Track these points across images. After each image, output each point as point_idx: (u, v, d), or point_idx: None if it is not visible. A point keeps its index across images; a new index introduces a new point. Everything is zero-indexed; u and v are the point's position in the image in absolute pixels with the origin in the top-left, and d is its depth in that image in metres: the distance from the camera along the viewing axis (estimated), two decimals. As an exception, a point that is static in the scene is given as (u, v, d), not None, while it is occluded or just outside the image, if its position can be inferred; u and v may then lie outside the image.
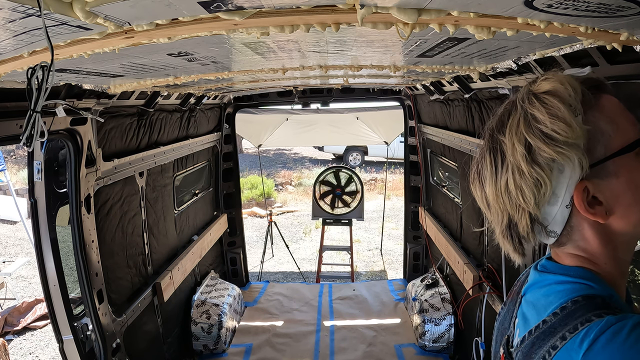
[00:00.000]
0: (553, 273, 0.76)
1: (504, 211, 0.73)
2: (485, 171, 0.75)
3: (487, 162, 0.74)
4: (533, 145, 0.67)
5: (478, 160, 0.78)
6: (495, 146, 0.73)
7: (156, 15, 0.90)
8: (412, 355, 4.00)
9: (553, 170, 0.67)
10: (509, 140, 0.70)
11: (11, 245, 8.20)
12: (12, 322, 5.23)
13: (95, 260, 2.50)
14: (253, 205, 10.93)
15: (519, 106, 0.71)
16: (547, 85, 0.69)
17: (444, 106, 3.84)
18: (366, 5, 0.84)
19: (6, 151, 13.82)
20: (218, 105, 4.82)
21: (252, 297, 5.15)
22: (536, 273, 0.81)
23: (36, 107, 0.98)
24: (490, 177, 0.73)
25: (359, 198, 6.12)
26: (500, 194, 0.72)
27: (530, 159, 0.67)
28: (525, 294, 0.82)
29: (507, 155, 0.70)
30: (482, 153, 0.76)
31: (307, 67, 2.31)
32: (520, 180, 0.69)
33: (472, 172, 0.79)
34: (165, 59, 1.59)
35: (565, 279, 0.72)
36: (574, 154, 0.66)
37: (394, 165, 13.23)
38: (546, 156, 0.66)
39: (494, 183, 0.73)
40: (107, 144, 2.68)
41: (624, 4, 0.77)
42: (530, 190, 0.68)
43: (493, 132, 0.75)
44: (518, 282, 0.94)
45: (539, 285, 0.78)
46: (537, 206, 0.70)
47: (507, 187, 0.70)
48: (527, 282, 0.84)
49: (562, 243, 0.74)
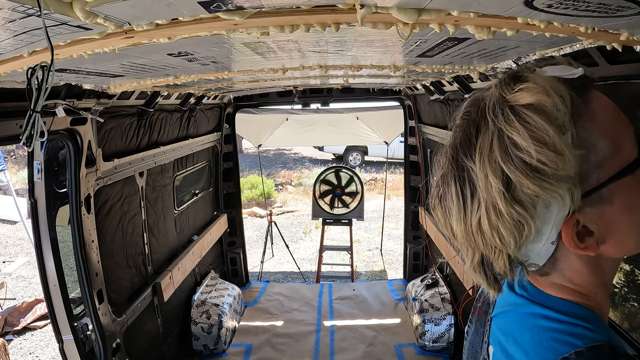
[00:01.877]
0: (537, 303, 0.64)
1: (475, 250, 0.60)
2: (449, 202, 0.60)
3: (451, 193, 0.59)
4: (513, 179, 0.53)
5: (439, 183, 0.62)
6: (463, 174, 0.58)
7: (156, 15, 0.90)
8: (412, 355, 4.00)
9: (537, 207, 0.54)
10: (481, 169, 0.55)
11: (11, 245, 8.20)
12: (12, 322, 5.23)
13: (95, 260, 2.50)
14: (253, 205, 10.93)
15: (490, 121, 0.55)
16: (529, 97, 0.54)
17: (444, 106, 3.84)
18: (366, 5, 0.84)
19: (6, 151, 13.82)
20: (218, 105, 4.82)
21: (252, 297, 5.15)
22: (511, 294, 0.70)
23: (36, 107, 0.98)
24: (457, 213, 0.59)
25: (359, 198, 6.12)
26: (471, 234, 0.58)
27: (510, 196, 0.54)
28: (497, 317, 0.72)
29: (479, 190, 0.56)
30: (445, 179, 0.61)
31: (307, 67, 2.31)
32: (496, 221, 0.55)
33: (432, 196, 0.64)
34: (165, 59, 1.59)
35: (556, 316, 0.61)
36: (564, 188, 0.53)
37: (394, 165, 13.23)
38: (530, 193, 0.53)
39: (462, 220, 0.58)
40: (107, 144, 2.68)
41: (624, 4, 0.77)
42: (510, 233, 0.55)
43: (457, 153, 0.59)
44: (482, 298, 0.82)
45: (517, 312, 0.66)
46: (518, 248, 0.57)
47: (479, 226, 0.57)
48: (498, 302, 0.73)
49: (545, 273, 0.63)
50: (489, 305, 0.76)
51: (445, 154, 0.62)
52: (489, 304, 0.77)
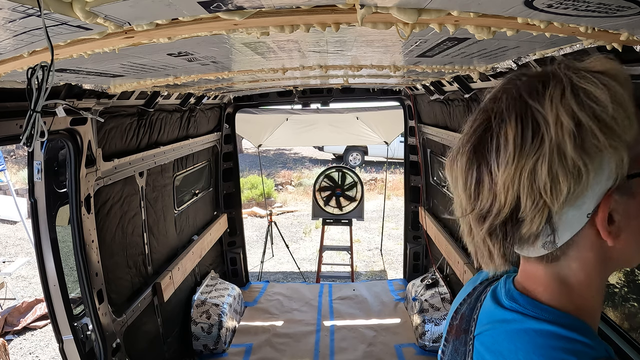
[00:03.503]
0: (531, 316, 0.60)
1: (510, 202, 0.55)
2: (500, 141, 0.55)
3: (509, 130, 0.54)
4: (585, 125, 0.51)
5: (475, 131, 0.58)
6: (526, 112, 0.54)
7: (156, 15, 0.90)
8: (412, 355, 4.00)
9: (597, 163, 0.53)
10: (551, 110, 0.52)
11: (11, 245, 8.20)
12: (12, 322, 5.23)
13: (95, 260, 2.50)
14: (253, 205, 10.93)
15: (563, 76, 0.54)
16: (604, 65, 0.55)
17: (444, 106, 3.84)
18: (366, 5, 0.84)
19: (6, 151, 13.82)
20: (218, 105, 4.82)
21: (252, 297, 5.15)
22: (498, 309, 0.66)
23: (36, 107, 0.98)
24: (511, 154, 0.53)
25: (359, 198, 6.12)
26: (520, 178, 0.53)
27: (580, 141, 0.51)
28: (481, 335, 0.67)
29: (544, 128, 0.52)
30: (498, 118, 0.56)
31: (307, 67, 2.31)
32: (557, 165, 0.52)
33: (464, 144, 0.60)
34: (165, 59, 1.59)
35: (551, 329, 0.58)
36: (622, 153, 0.53)
37: (394, 165, 13.23)
38: (597, 144, 0.52)
39: (514, 162, 0.53)
40: (107, 144, 2.68)
41: (624, 4, 0.77)
42: (567, 182, 0.52)
43: (521, 95, 0.55)
44: (459, 315, 0.76)
45: (507, 329, 0.62)
46: (563, 204, 0.53)
47: (534, 170, 0.53)
48: (481, 318, 0.69)
49: (554, 258, 0.60)
50: (469, 322, 0.72)
51: (494, 100, 0.58)
52: (468, 321, 0.72)
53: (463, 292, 0.81)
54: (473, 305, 0.74)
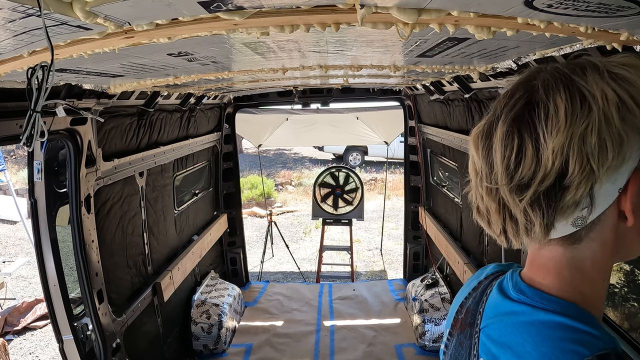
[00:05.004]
0: (540, 308, 0.62)
1: (558, 167, 0.56)
2: (549, 109, 0.56)
3: (558, 99, 0.56)
4: (626, 100, 0.55)
5: (521, 99, 0.59)
6: (572, 85, 0.57)
7: (156, 15, 0.90)
8: (412, 355, 4.00)
9: (631, 139, 0.56)
10: (596, 85, 0.56)
11: (11, 245, 8.20)
12: (12, 322, 5.23)
13: (95, 260, 2.50)
14: (253, 205, 10.93)
15: (598, 63, 0.58)
16: (630, 59, 0.59)
17: (444, 106, 3.84)
18: (366, 5, 0.84)
19: (6, 151, 13.82)
20: (218, 105, 4.82)
21: (252, 297, 5.15)
22: (506, 301, 0.67)
23: (36, 107, 0.98)
24: (563, 118, 0.55)
25: (359, 198, 6.12)
26: (571, 142, 0.55)
27: (623, 112, 0.55)
28: (487, 328, 0.68)
29: (590, 99, 0.55)
30: (545, 89, 0.58)
31: (307, 67, 2.31)
32: (605, 132, 0.55)
33: (502, 116, 0.60)
34: (165, 59, 1.59)
35: (560, 321, 0.59)
36: None
37: (394, 165, 13.23)
38: (634, 121, 0.56)
39: (568, 126, 0.55)
40: (107, 144, 2.68)
41: (624, 4, 0.77)
42: (612, 149, 0.55)
43: (564, 73, 0.58)
44: (464, 309, 0.77)
45: (514, 321, 0.64)
46: (607, 173, 0.56)
47: (584, 135, 0.55)
48: (487, 311, 0.70)
49: (577, 239, 0.61)
50: (475, 316, 0.73)
51: (530, 79, 0.60)
52: (474, 314, 0.73)
53: (467, 287, 0.81)
54: (479, 299, 0.75)
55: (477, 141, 0.64)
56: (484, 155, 0.62)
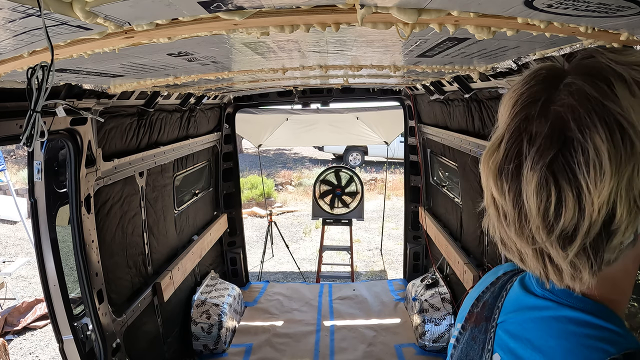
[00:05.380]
0: (566, 305, 0.60)
1: (603, 215, 0.51)
2: (589, 155, 0.49)
3: (597, 140, 0.49)
4: None
5: (553, 140, 0.51)
6: (608, 117, 0.50)
7: (156, 15, 0.90)
8: (412, 355, 4.00)
9: None
10: (633, 110, 0.50)
11: (11, 245, 8.20)
12: (12, 322, 5.23)
13: (95, 260, 2.50)
14: (253, 205, 10.93)
15: (622, 71, 0.52)
16: None
17: (444, 106, 3.84)
18: (366, 5, 0.84)
19: (6, 151, 13.81)
20: (218, 105, 4.82)
21: (252, 297, 5.15)
22: (528, 295, 0.65)
23: (36, 107, 0.98)
24: (607, 164, 0.49)
25: (359, 198, 6.12)
26: (618, 189, 0.50)
27: None
28: (505, 322, 0.67)
29: (631, 130, 0.49)
30: (578, 126, 0.50)
31: (307, 67, 2.31)
32: None
33: (531, 162, 0.52)
34: (165, 59, 1.59)
35: (586, 319, 0.57)
36: None
37: (394, 165, 13.23)
38: None
39: (614, 173, 0.49)
40: (107, 144, 2.68)
41: (624, 4, 0.77)
42: None
43: (593, 96, 0.51)
44: (481, 303, 0.75)
45: (537, 316, 0.62)
46: None
47: (631, 178, 0.50)
48: (506, 306, 0.69)
49: (614, 260, 0.57)
50: (492, 310, 0.71)
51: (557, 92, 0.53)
52: (491, 308, 0.71)
53: (483, 283, 0.80)
54: (497, 293, 0.73)
55: (499, 181, 0.56)
56: (511, 200, 0.55)
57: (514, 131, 0.55)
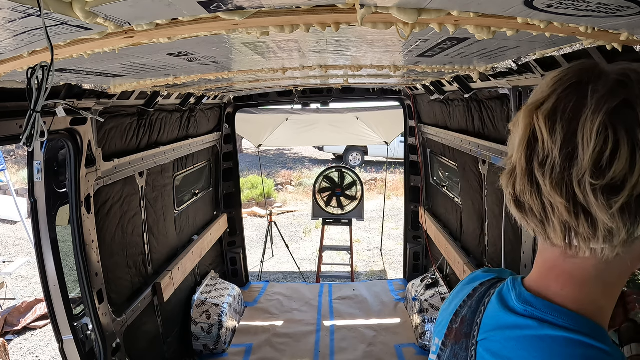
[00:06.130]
0: (546, 321, 0.59)
1: None
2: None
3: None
4: None
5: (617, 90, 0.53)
6: None
7: (156, 15, 0.90)
8: (412, 355, 4.00)
9: None
10: None
11: (11, 245, 8.20)
12: (12, 322, 5.23)
13: (95, 260, 2.50)
14: (253, 205, 10.93)
15: None
16: None
17: (444, 106, 3.84)
18: (366, 5, 0.84)
19: (6, 151, 13.81)
20: (218, 105, 4.82)
21: (252, 297, 5.15)
22: (508, 314, 0.64)
23: (36, 107, 0.98)
24: None
25: (359, 198, 6.12)
26: None
27: None
28: (486, 340, 0.65)
29: None
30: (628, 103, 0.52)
31: (307, 67, 2.31)
32: None
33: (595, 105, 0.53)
34: (165, 59, 1.59)
35: (569, 336, 0.56)
36: None
37: (394, 165, 13.22)
38: None
39: None
40: (107, 144, 2.68)
41: (624, 4, 0.77)
42: None
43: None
44: (459, 318, 0.73)
45: (518, 335, 0.60)
46: None
47: None
48: (485, 323, 0.67)
49: (617, 254, 0.57)
50: (471, 327, 0.69)
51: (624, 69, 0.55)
52: (470, 324, 0.70)
53: (459, 294, 0.78)
54: (475, 308, 0.72)
55: (549, 121, 0.55)
56: (562, 140, 0.54)
57: (571, 84, 0.56)
